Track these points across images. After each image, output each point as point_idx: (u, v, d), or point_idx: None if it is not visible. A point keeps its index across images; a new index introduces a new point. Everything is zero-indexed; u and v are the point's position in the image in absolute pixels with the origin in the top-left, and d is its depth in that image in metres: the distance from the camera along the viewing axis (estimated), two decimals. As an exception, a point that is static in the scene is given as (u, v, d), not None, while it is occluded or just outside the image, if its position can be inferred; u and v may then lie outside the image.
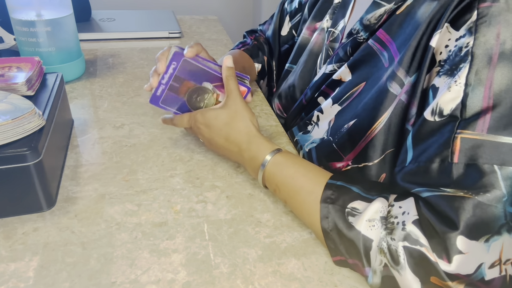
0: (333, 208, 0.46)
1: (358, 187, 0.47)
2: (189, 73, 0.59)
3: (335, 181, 0.49)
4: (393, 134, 0.50)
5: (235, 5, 2.07)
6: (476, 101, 0.40)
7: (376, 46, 0.55)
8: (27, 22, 0.76)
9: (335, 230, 0.45)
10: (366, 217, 0.44)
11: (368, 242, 0.43)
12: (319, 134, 0.61)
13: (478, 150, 0.39)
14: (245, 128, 0.56)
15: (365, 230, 0.43)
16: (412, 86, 0.48)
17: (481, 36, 0.41)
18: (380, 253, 0.42)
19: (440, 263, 0.38)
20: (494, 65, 0.40)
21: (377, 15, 0.56)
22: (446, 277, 0.38)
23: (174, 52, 0.58)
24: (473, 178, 0.39)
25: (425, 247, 0.39)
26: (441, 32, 0.45)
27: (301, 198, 0.49)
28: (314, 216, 0.48)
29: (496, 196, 0.38)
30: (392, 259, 0.41)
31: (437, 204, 0.40)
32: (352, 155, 0.54)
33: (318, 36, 0.71)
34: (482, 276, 0.37)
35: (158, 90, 0.59)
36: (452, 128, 0.41)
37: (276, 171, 0.52)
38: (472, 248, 0.37)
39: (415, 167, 0.44)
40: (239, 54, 0.85)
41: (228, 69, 0.59)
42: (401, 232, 0.41)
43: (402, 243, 0.40)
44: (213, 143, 0.59)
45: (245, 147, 0.56)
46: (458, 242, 0.38)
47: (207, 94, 0.61)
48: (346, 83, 0.59)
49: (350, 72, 0.59)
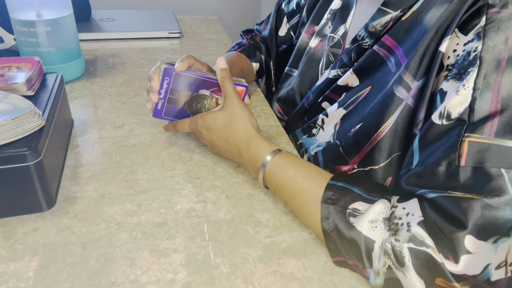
0: (334, 209, 0.46)
1: (359, 188, 0.47)
2: (184, 84, 0.60)
3: (336, 182, 0.49)
4: (400, 137, 0.50)
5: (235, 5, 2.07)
6: (484, 105, 0.40)
7: (382, 51, 0.55)
8: (27, 22, 0.76)
9: (335, 231, 0.45)
10: (368, 218, 0.44)
11: (370, 243, 0.43)
12: (325, 137, 0.61)
13: (486, 153, 0.39)
14: (244, 129, 0.56)
15: (367, 231, 0.43)
16: (419, 90, 0.48)
17: (489, 41, 0.41)
18: (384, 254, 0.42)
19: (447, 264, 0.38)
20: (503, 69, 0.40)
21: (383, 22, 0.56)
22: (452, 278, 0.38)
23: (164, 68, 0.59)
24: (480, 182, 0.39)
25: (431, 248, 0.39)
26: (450, 38, 0.45)
27: (302, 199, 0.49)
28: (315, 217, 0.48)
29: (505, 199, 0.38)
30: (397, 260, 0.41)
31: (443, 205, 0.40)
32: (358, 159, 0.54)
33: (318, 41, 0.71)
34: (488, 276, 0.37)
35: (158, 104, 0.61)
36: (460, 131, 0.41)
37: (276, 172, 0.52)
38: (480, 248, 0.38)
39: (422, 169, 0.44)
40: (236, 56, 0.85)
41: (222, 71, 0.59)
42: (406, 233, 0.41)
43: (407, 244, 0.40)
44: (214, 145, 0.60)
45: (244, 148, 0.56)
46: (466, 242, 0.38)
47: (206, 100, 0.62)
48: (354, 89, 0.59)
49: (357, 78, 0.59)
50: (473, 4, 0.43)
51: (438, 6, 0.49)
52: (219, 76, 0.59)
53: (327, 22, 0.70)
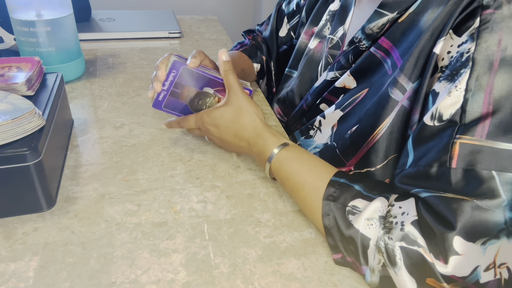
0: (334, 206, 0.47)
1: (360, 186, 0.48)
2: (189, 79, 0.60)
3: (339, 178, 0.49)
4: (396, 139, 0.50)
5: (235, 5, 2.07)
6: (476, 106, 0.40)
7: (379, 53, 0.55)
8: (27, 22, 0.76)
9: (335, 228, 0.46)
10: (365, 215, 0.44)
11: (366, 241, 0.43)
12: (322, 139, 0.62)
13: (477, 155, 0.39)
14: (251, 122, 0.56)
15: (363, 229, 0.44)
16: (414, 92, 0.48)
17: (482, 42, 0.41)
18: (378, 252, 0.42)
19: (437, 264, 0.38)
20: (495, 71, 0.40)
21: (379, 24, 0.56)
22: (442, 279, 0.38)
23: (174, 61, 0.58)
24: (472, 184, 0.39)
25: (422, 247, 0.39)
26: (445, 39, 0.45)
27: (305, 194, 0.50)
28: (316, 212, 0.48)
29: (496, 201, 0.37)
30: (389, 259, 0.41)
31: (435, 204, 0.40)
32: (354, 160, 0.54)
33: (317, 43, 0.71)
34: (477, 278, 0.37)
35: (160, 95, 0.60)
36: (451, 133, 0.41)
37: (281, 166, 0.53)
38: (468, 249, 0.37)
39: (415, 171, 0.44)
40: (237, 56, 0.85)
41: (225, 63, 0.58)
42: (399, 232, 0.41)
43: (399, 243, 0.40)
44: (224, 141, 0.60)
45: (253, 141, 0.56)
46: (455, 243, 0.38)
47: (209, 98, 0.61)
48: (351, 91, 0.59)
49: (354, 80, 0.59)
50: (467, 6, 0.43)
51: (434, 8, 0.49)
52: (222, 69, 0.58)
53: (326, 23, 0.70)
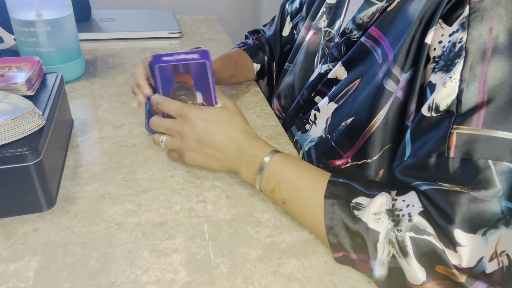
0: (338, 203, 0.47)
1: (359, 185, 0.48)
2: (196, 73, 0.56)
3: (337, 178, 0.49)
4: (390, 130, 0.50)
5: (235, 5, 2.07)
6: (471, 96, 0.40)
7: (369, 43, 0.56)
8: (27, 22, 0.76)
9: (340, 225, 0.46)
10: (371, 210, 0.44)
11: (375, 235, 0.43)
12: (317, 132, 0.62)
13: (474, 145, 0.40)
14: (244, 127, 0.56)
15: (372, 223, 0.44)
16: (408, 82, 0.48)
17: (474, 31, 0.41)
18: (389, 243, 0.43)
19: (447, 252, 0.39)
20: (488, 59, 0.40)
21: (369, 14, 0.56)
22: (452, 266, 0.38)
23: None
24: (469, 174, 0.39)
25: (433, 236, 0.40)
26: (435, 29, 0.45)
27: (305, 195, 0.50)
28: (317, 212, 0.48)
29: (492, 192, 0.38)
30: (401, 249, 0.41)
31: (434, 198, 0.41)
32: (351, 153, 0.55)
33: (315, 36, 0.71)
34: (483, 269, 0.38)
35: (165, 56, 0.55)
36: (449, 123, 0.41)
37: (279, 168, 0.52)
38: (471, 241, 0.38)
39: (414, 161, 0.45)
40: (234, 51, 0.86)
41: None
42: (407, 223, 0.42)
43: (409, 233, 0.41)
44: (206, 139, 0.54)
45: (245, 144, 0.55)
46: (456, 236, 0.39)
47: (193, 101, 0.59)
48: (342, 81, 0.59)
49: (345, 70, 0.59)
50: None
51: None
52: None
53: (322, 16, 0.70)
